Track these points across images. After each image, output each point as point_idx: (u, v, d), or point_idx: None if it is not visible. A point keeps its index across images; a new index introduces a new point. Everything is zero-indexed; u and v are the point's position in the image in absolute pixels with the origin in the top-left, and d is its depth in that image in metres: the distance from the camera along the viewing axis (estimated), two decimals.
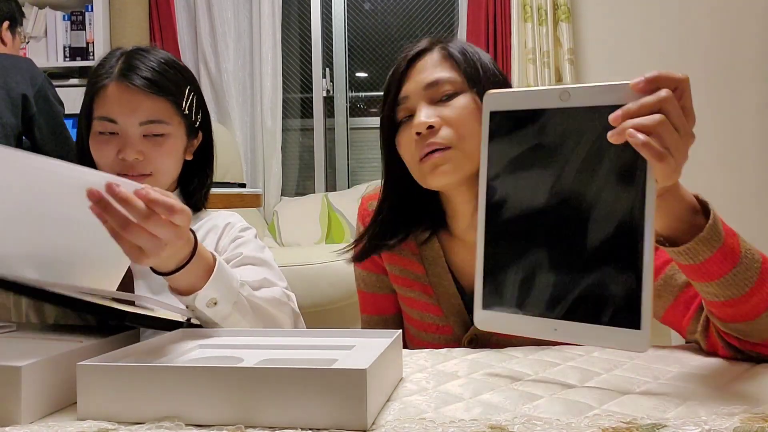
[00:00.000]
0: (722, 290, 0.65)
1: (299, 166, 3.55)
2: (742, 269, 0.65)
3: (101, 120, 1.00)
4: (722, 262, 0.64)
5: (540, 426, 0.50)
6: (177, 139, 1.04)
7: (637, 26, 3.18)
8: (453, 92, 0.90)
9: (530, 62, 3.05)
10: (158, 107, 1.00)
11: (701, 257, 0.63)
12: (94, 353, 0.61)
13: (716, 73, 3.15)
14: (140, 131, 0.99)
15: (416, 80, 0.91)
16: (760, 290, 0.66)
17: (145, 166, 1.00)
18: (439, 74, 0.90)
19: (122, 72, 1.00)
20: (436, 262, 0.99)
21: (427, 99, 0.90)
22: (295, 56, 3.52)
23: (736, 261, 0.64)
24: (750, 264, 0.65)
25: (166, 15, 3.22)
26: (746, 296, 0.65)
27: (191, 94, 1.06)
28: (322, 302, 2.10)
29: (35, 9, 3.15)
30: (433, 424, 0.51)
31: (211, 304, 0.79)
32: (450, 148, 0.88)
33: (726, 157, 3.15)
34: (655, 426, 0.49)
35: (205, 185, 1.13)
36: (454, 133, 0.88)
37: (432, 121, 0.88)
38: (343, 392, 0.50)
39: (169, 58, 1.06)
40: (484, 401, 0.58)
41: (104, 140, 1.00)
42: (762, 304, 0.66)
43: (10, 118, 2.00)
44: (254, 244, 1.07)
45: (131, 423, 0.53)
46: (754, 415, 0.51)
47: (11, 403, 0.54)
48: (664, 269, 0.79)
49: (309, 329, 0.81)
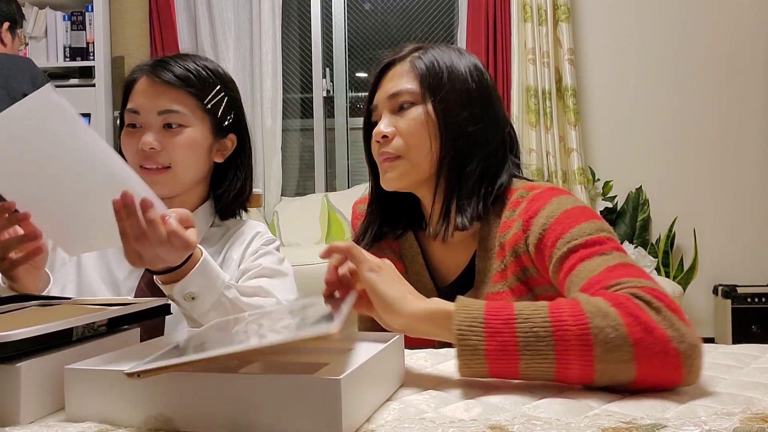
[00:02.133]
0: (536, 377, 0.61)
1: (299, 166, 3.55)
2: (528, 359, 0.60)
3: (128, 113, 1.04)
4: (503, 369, 0.61)
5: (540, 426, 0.50)
6: (198, 134, 1.04)
7: (637, 26, 3.18)
8: (410, 103, 0.95)
9: (530, 62, 3.05)
10: (178, 98, 1.03)
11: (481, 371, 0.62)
12: (94, 353, 0.61)
13: (716, 74, 3.15)
14: (159, 121, 1.02)
15: (384, 89, 0.97)
16: (568, 363, 0.60)
17: (163, 157, 1.01)
18: (401, 86, 0.95)
19: (152, 68, 1.04)
20: (414, 260, 1.04)
21: (389, 108, 0.96)
22: (295, 56, 3.52)
23: (515, 359, 0.60)
24: (536, 347, 0.60)
25: (166, 15, 3.21)
26: (560, 371, 0.60)
27: (220, 94, 1.07)
28: None
29: (35, 9, 3.14)
30: (432, 424, 0.51)
31: (189, 297, 0.83)
32: (399, 157, 0.94)
33: (726, 158, 3.15)
34: (655, 426, 0.49)
35: (236, 190, 1.12)
36: (403, 144, 0.94)
37: (387, 131, 0.94)
38: (318, 402, 0.49)
39: (209, 64, 1.08)
40: (483, 401, 0.58)
41: (130, 133, 1.03)
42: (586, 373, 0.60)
43: None
44: (274, 257, 1.09)
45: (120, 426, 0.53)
46: (753, 416, 0.51)
47: (11, 403, 0.54)
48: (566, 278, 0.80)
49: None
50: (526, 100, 3.07)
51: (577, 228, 0.83)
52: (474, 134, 0.94)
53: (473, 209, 0.93)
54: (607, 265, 0.74)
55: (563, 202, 0.89)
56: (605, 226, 0.84)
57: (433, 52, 0.97)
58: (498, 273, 0.93)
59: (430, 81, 0.94)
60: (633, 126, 3.19)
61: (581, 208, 0.87)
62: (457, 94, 0.94)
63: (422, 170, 0.94)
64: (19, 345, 0.55)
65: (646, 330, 0.60)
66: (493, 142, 0.96)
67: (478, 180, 0.94)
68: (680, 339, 0.60)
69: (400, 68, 0.97)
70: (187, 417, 0.52)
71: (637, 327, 0.60)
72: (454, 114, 0.93)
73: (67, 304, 0.80)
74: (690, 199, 3.14)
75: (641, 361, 0.59)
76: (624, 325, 0.60)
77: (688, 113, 3.16)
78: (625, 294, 0.65)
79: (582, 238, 0.81)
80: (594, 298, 0.64)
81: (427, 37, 3.47)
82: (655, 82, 3.17)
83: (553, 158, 3.04)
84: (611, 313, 0.61)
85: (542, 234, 0.86)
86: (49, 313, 0.71)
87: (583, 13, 3.19)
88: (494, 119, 0.97)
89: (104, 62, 3.08)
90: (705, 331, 3.09)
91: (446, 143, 0.93)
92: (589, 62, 3.20)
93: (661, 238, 3.05)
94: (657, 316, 0.61)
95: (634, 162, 3.17)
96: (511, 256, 0.91)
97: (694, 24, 3.15)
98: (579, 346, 0.59)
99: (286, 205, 3.14)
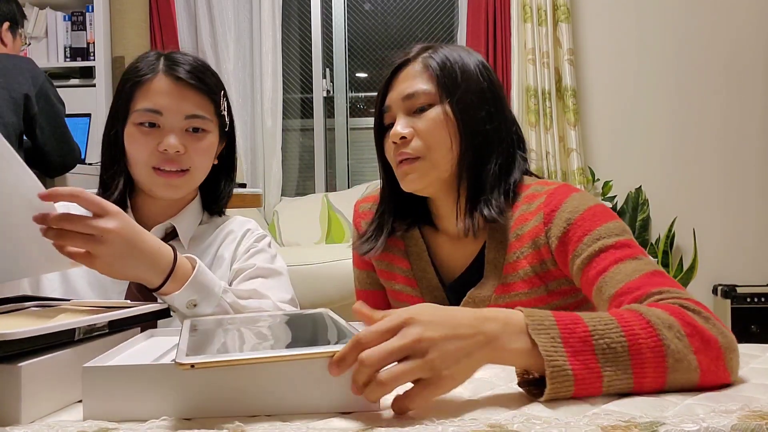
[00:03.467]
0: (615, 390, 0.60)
1: (299, 166, 3.56)
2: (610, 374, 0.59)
3: (145, 112, 1.00)
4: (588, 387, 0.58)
5: (539, 425, 0.50)
6: (214, 139, 1.06)
7: (637, 26, 3.18)
8: (427, 104, 0.95)
9: (530, 63, 3.05)
10: (202, 103, 1.03)
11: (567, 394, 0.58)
12: (96, 354, 0.61)
13: (716, 73, 3.15)
14: (184, 124, 1.01)
15: (398, 90, 0.97)
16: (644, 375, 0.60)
17: (185, 161, 1.01)
18: (416, 87, 0.96)
19: (168, 66, 1.02)
20: (420, 257, 1.05)
21: (405, 109, 0.96)
22: (295, 56, 3.52)
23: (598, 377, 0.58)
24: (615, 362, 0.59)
25: (166, 15, 3.22)
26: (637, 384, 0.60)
27: (225, 98, 1.08)
28: (322, 302, 2.11)
29: (36, 9, 3.15)
30: (432, 424, 0.51)
31: (191, 305, 0.83)
32: (419, 158, 0.94)
33: (726, 158, 3.15)
34: (654, 424, 0.49)
35: (230, 189, 1.15)
36: (423, 145, 0.94)
37: (405, 133, 0.94)
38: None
39: (205, 62, 1.08)
40: (483, 400, 0.58)
41: (144, 132, 1.00)
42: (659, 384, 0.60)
43: (12, 117, 2.01)
44: (267, 254, 1.09)
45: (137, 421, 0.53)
46: (752, 413, 0.51)
47: (11, 402, 0.54)
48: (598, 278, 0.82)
49: None
50: (525, 100, 3.07)
51: (604, 227, 0.86)
52: (490, 132, 0.96)
53: (498, 202, 0.95)
54: (643, 272, 0.78)
55: (585, 198, 0.92)
56: (627, 227, 0.88)
57: (443, 51, 0.98)
58: (509, 264, 0.95)
59: (445, 81, 0.95)
60: (633, 126, 3.19)
61: (603, 207, 0.91)
62: (472, 94, 0.95)
63: (442, 170, 0.95)
64: (21, 344, 0.55)
65: (703, 339, 0.62)
66: (506, 140, 0.98)
67: (498, 175, 0.96)
68: (728, 345, 0.63)
69: (411, 69, 0.98)
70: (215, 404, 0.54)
71: (696, 337, 0.62)
72: (471, 113, 0.95)
73: (66, 305, 0.81)
74: (690, 199, 3.15)
75: (703, 367, 0.61)
76: (686, 336, 0.62)
77: (688, 113, 3.16)
78: (675, 305, 0.67)
79: (611, 239, 0.84)
80: (652, 309, 0.65)
81: (427, 37, 3.47)
82: (655, 82, 3.17)
83: (553, 158, 3.04)
84: (675, 324, 0.63)
85: (567, 228, 0.89)
86: (49, 314, 0.71)
87: (583, 13, 3.19)
88: (505, 117, 0.99)
89: (104, 62, 3.08)
90: None
91: (465, 142, 0.94)
92: (589, 62, 3.20)
93: (660, 238, 3.05)
94: (707, 324, 0.64)
95: (634, 162, 3.17)
96: (529, 247, 0.94)
97: (694, 24, 3.15)
98: (653, 358, 0.60)
99: (286, 205, 3.14)
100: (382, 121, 1.01)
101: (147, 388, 0.54)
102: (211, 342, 0.63)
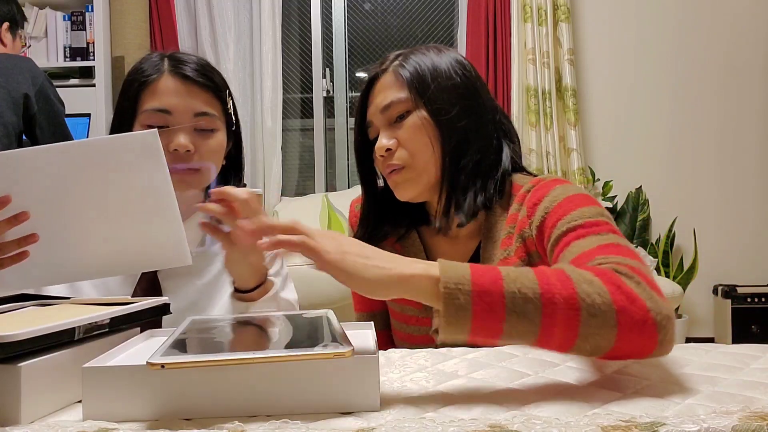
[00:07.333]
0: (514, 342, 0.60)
1: (299, 166, 3.55)
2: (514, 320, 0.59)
3: (154, 112, 1.00)
4: (486, 329, 0.59)
5: (539, 425, 0.50)
6: (223, 137, 1.06)
7: (637, 26, 3.18)
8: (405, 111, 0.96)
9: (530, 62, 3.05)
10: (210, 101, 1.03)
11: (462, 334, 0.59)
12: (96, 353, 0.61)
13: (716, 73, 3.15)
14: (192, 123, 1.01)
15: (375, 104, 0.98)
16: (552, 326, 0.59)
17: (196, 160, 1.01)
18: (390, 97, 0.96)
19: (174, 66, 1.02)
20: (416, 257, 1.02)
21: (385, 121, 0.97)
22: (295, 56, 3.52)
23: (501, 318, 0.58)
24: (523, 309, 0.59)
25: (166, 15, 3.22)
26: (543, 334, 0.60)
27: (230, 97, 1.08)
28: (321, 302, 2.10)
29: (35, 9, 3.15)
30: (433, 424, 0.51)
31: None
32: (405, 167, 0.96)
33: (726, 158, 3.15)
34: (654, 424, 0.49)
35: None
36: (407, 153, 0.95)
37: (389, 144, 0.96)
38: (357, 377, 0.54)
39: (209, 62, 1.09)
40: (483, 400, 0.58)
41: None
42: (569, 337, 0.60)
43: (12, 117, 2.01)
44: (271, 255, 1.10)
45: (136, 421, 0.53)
46: (752, 414, 0.51)
47: (11, 402, 0.54)
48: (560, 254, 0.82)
49: None
50: (526, 100, 3.07)
51: (578, 211, 0.84)
52: (465, 128, 0.95)
53: (469, 204, 0.94)
54: (599, 244, 0.76)
55: (567, 189, 0.91)
56: (606, 212, 0.85)
57: (413, 56, 0.98)
58: (502, 261, 0.95)
59: (417, 86, 0.95)
60: (633, 126, 3.19)
61: (584, 195, 0.90)
62: (444, 93, 0.95)
63: (431, 174, 0.96)
64: (21, 345, 0.55)
65: (628, 298, 0.61)
66: (484, 133, 0.97)
67: (471, 173, 0.95)
68: (658, 310, 0.62)
69: (384, 80, 0.98)
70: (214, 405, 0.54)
71: (620, 295, 0.61)
72: (444, 112, 0.94)
73: (66, 303, 0.80)
74: (690, 199, 3.15)
75: (623, 327, 0.60)
76: (608, 293, 0.61)
77: (688, 113, 3.16)
78: (606, 268, 0.66)
79: (581, 220, 0.83)
80: (579, 269, 0.65)
81: (427, 37, 3.47)
82: (655, 82, 3.17)
83: (553, 158, 3.04)
84: (595, 281, 0.62)
85: (544, 216, 0.89)
86: (49, 313, 0.71)
87: (583, 13, 3.19)
88: (482, 110, 0.98)
89: (104, 62, 3.08)
90: (705, 331, 3.10)
91: (444, 143, 0.94)
92: (589, 62, 3.20)
93: (660, 238, 3.05)
94: (637, 288, 0.63)
95: (634, 162, 3.17)
96: (517, 242, 0.94)
97: (694, 24, 3.15)
98: (566, 309, 0.59)
99: (286, 205, 3.14)
100: (363, 136, 1.02)
101: (146, 388, 0.54)
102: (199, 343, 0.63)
